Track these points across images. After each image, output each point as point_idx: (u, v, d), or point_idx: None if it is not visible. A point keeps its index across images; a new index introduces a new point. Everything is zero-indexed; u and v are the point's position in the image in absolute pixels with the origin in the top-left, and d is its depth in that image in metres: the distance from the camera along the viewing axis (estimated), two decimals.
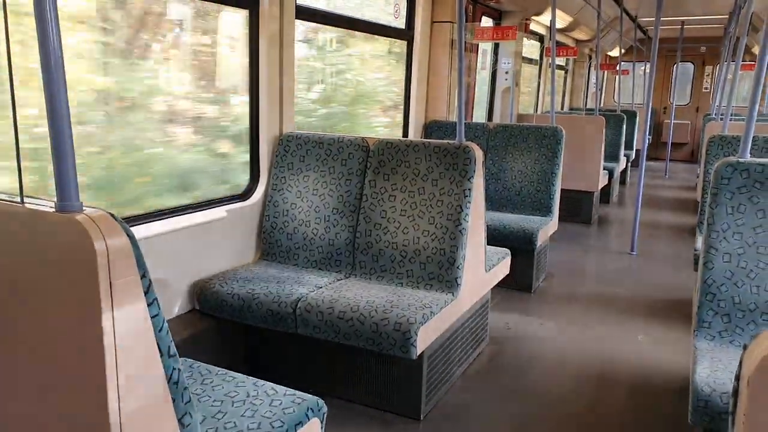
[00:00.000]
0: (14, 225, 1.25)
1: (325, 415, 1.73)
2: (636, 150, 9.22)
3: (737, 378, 1.07)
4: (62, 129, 1.12)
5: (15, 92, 1.22)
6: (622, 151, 7.90)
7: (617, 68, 10.83)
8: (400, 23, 4.61)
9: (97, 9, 2.39)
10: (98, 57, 2.44)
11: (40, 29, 1.09)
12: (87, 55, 2.38)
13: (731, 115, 4.98)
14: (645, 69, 12.40)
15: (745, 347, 1.03)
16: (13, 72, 1.25)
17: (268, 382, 1.76)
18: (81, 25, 2.34)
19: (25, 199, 1.22)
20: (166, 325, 1.22)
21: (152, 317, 1.19)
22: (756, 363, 0.93)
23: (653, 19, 5.23)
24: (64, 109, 1.12)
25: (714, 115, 7.23)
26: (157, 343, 1.20)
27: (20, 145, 1.24)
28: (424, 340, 2.27)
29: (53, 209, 1.16)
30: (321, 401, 1.71)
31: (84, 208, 1.16)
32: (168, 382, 1.23)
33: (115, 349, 1.13)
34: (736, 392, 1.07)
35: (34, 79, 1.92)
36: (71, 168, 1.14)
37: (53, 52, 1.10)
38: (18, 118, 1.22)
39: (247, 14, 2.92)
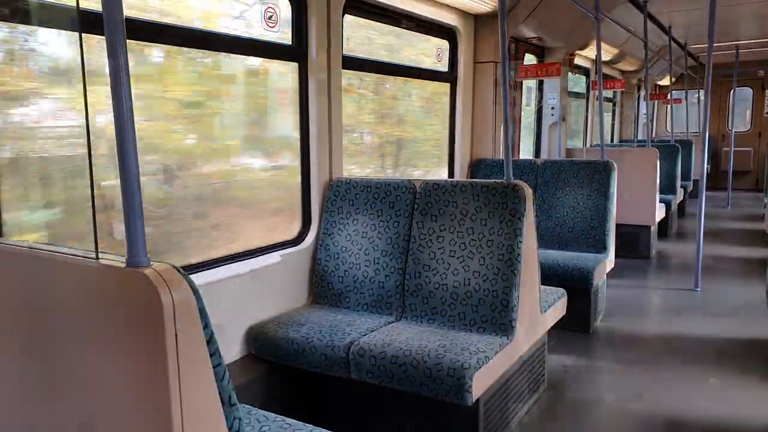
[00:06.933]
0: (89, 278, 1.34)
1: None
2: (694, 180, 8.86)
3: None
4: (132, 191, 1.21)
5: (92, 153, 1.33)
6: (679, 183, 7.61)
7: (668, 97, 10.55)
8: (443, 66, 4.70)
9: None
10: None
11: (115, 99, 1.20)
12: None
13: None
14: (699, 96, 12.01)
15: None
16: (91, 136, 1.37)
17: (324, 430, 1.76)
18: None
19: (100, 255, 1.32)
20: (227, 374, 1.26)
21: (214, 367, 1.23)
22: None
23: (704, 45, 5.11)
24: (135, 172, 1.22)
25: None
26: (219, 393, 1.23)
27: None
28: (479, 385, 2.22)
29: (123, 264, 1.24)
30: None
31: (151, 262, 1.23)
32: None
33: (180, 398, 1.17)
34: None
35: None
36: (140, 226, 1.23)
37: (125, 120, 1.20)
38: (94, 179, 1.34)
39: (297, 66, 3.08)
